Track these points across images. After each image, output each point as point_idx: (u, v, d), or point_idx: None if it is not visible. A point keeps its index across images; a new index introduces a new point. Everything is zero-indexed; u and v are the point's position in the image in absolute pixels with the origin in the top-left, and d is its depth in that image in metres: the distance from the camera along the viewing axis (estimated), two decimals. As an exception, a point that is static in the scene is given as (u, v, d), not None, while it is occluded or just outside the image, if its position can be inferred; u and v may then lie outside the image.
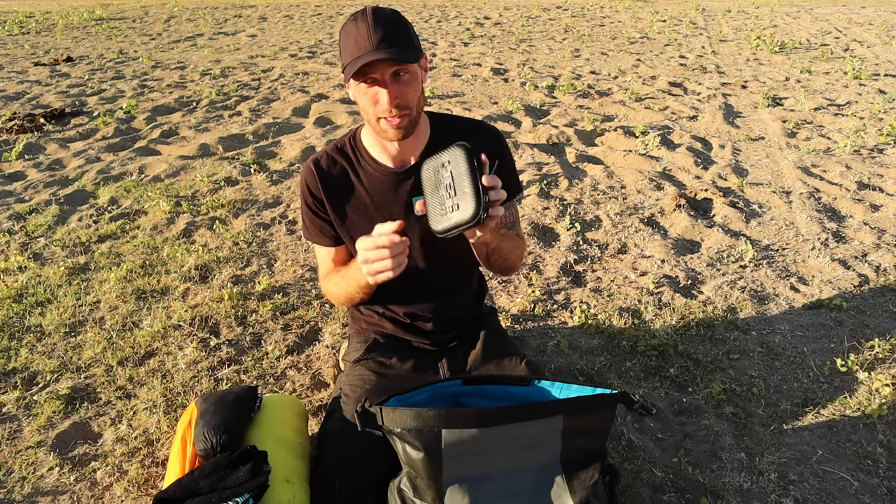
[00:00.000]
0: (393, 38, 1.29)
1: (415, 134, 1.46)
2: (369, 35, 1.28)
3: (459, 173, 1.13)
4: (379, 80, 1.32)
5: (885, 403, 1.97)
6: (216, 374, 2.18)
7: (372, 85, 1.33)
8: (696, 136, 4.59)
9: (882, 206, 3.38)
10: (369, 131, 1.51)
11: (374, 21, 1.29)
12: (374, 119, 1.38)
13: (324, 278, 1.66)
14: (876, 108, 5.12)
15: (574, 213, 3.37)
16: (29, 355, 2.28)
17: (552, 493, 1.23)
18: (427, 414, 1.15)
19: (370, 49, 1.28)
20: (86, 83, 6.46)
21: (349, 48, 1.32)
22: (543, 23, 10.40)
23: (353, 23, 1.31)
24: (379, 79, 1.31)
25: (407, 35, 1.32)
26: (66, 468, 1.79)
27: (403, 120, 1.36)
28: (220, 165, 4.13)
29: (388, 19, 1.31)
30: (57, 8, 13.82)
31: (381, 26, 1.29)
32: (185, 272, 2.83)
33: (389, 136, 1.40)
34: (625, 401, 1.22)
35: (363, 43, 1.28)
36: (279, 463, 1.43)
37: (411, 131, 1.40)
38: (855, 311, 2.49)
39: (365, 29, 1.29)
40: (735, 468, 1.76)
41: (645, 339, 2.30)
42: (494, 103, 5.51)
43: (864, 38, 8.45)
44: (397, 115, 1.34)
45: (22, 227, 3.29)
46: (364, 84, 1.33)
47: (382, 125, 1.37)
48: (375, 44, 1.28)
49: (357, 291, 1.52)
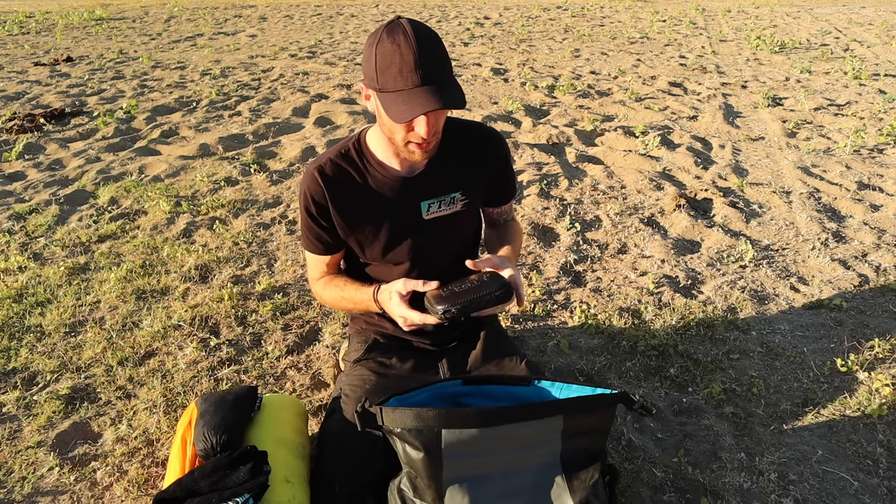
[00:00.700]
0: (438, 69, 1.22)
1: None
2: (415, 68, 1.20)
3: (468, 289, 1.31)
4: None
5: (885, 403, 1.97)
6: (216, 374, 2.18)
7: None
8: (696, 136, 4.59)
9: (882, 206, 3.38)
10: (378, 137, 1.47)
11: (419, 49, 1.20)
12: (402, 141, 1.34)
13: (316, 282, 1.66)
14: (876, 108, 5.12)
15: (574, 213, 3.37)
16: (29, 355, 2.28)
17: (552, 493, 1.23)
18: (427, 414, 1.15)
19: (418, 83, 1.21)
20: (86, 83, 6.46)
21: (390, 75, 1.22)
22: (543, 23, 10.40)
23: (394, 46, 1.21)
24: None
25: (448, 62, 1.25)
26: (66, 468, 1.79)
27: (432, 145, 1.35)
28: (220, 165, 4.13)
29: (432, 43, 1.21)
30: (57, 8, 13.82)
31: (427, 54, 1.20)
32: (185, 272, 2.83)
33: (416, 159, 1.38)
34: (625, 401, 1.22)
35: (409, 76, 1.20)
36: (279, 463, 1.43)
37: (433, 154, 1.40)
38: (855, 311, 2.49)
39: (411, 59, 1.20)
40: (735, 468, 1.76)
41: (645, 339, 2.30)
42: (494, 103, 5.51)
43: (864, 38, 8.45)
44: (427, 143, 1.33)
45: (22, 227, 3.29)
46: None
47: (411, 148, 1.35)
48: (423, 77, 1.20)
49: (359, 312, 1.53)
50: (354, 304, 1.56)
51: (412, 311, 1.34)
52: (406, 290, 1.35)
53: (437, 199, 1.53)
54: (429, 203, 1.52)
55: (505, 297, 1.30)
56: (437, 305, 1.29)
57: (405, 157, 1.43)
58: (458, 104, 1.23)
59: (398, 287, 1.37)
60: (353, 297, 1.55)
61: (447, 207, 1.54)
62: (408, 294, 1.36)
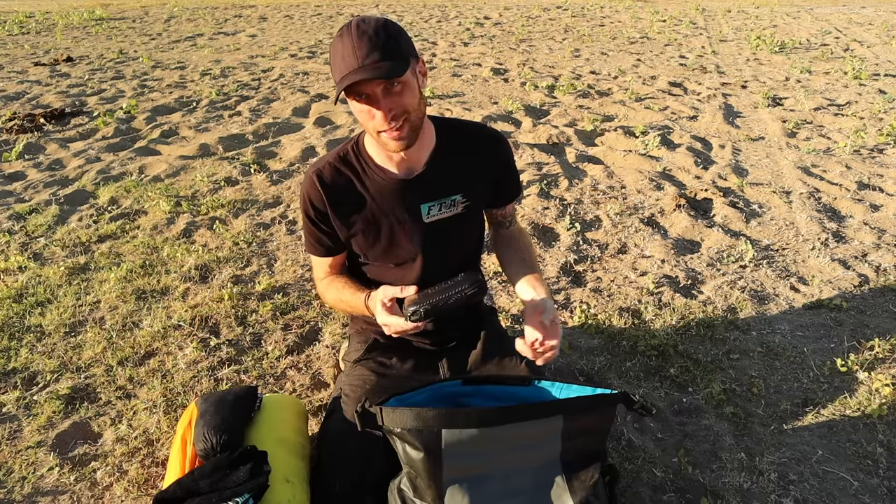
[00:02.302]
0: (380, 52, 1.25)
1: (421, 141, 1.44)
2: (354, 51, 1.25)
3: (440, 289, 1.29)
4: (371, 95, 1.28)
5: (885, 403, 1.97)
6: (216, 374, 2.18)
7: (365, 101, 1.30)
8: (696, 136, 4.59)
9: (882, 206, 3.38)
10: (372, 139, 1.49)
11: (358, 36, 1.25)
12: (374, 132, 1.36)
13: (320, 282, 1.66)
14: (876, 108, 5.12)
15: (574, 213, 3.37)
16: (29, 355, 2.28)
17: (552, 494, 1.23)
18: (427, 414, 1.15)
19: (356, 66, 1.25)
20: (86, 83, 6.46)
21: (337, 65, 1.29)
22: (543, 23, 10.40)
23: (339, 39, 1.28)
24: (370, 94, 1.28)
25: (393, 45, 1.27)
26: (66, 468, 1.79)
27: (403, 131, 1.33)
28: (220, 165, 4.13)
29: (373, 32, 1.25)
30: (57, 8, 13.82)
31: (366, 41, 1.25)
32: (185, 272, 2.83)
33: (392, 149, 1.38)
34: (625, 401, 1.22)
35: (349, 60, 1.25)
36: (279, 463, 1.43)
37: (413, 140, 1.38)
38: (855, 311, 2.49)
39: (350, 45, 1.25)
40: (735, 468, 1.76)
41: (645, 339, 2.30)
42: (494, 103, 5.51)
43: (864, 38, 8.45)
44: (395, 128, 1.32)
45: (22, 227, 3.29)
46: (356, 101, 1.31)
47: (384, 138, 1.35)
48: (360, 60, 1.24)
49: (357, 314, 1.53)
50: (351, 308, 1.56)
51: (392, 316, 1.33)
52: (387, 297, 1.35)
53: (437, 202, 1.52)
54: (429, 206, 1.52)
55: (476, 294, 1.28)
56: (407, 308, 1.29)
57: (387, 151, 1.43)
58: (385, 74, 1.24)
59: (380, 296, 1.37)
60: (350, 300, 1.54)
61: (448, 210, 1.54)
62: (390, 302, 1.35)
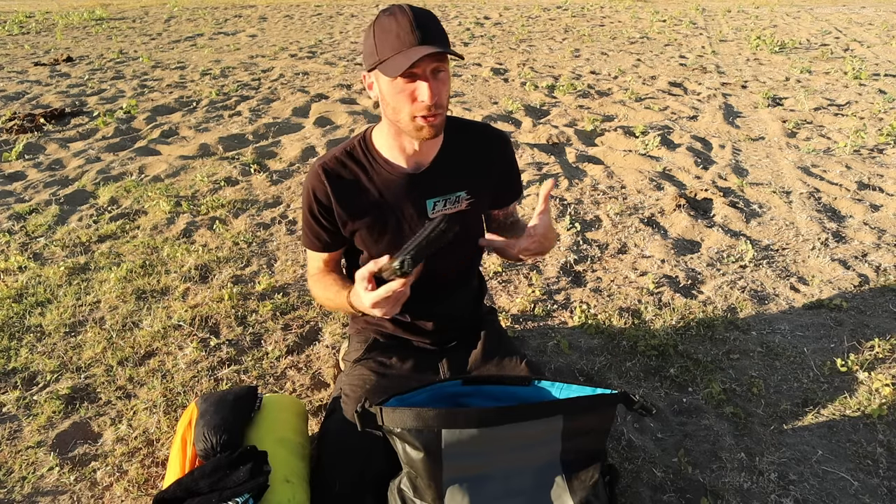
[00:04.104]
0: (435, 34, 1.28)
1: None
2: (412, 30, 1.25)
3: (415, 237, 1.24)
4: (420, 75, 1.29)
5: (885, 403, 1.97)
6: (216, 374, 2.18)
7: (412, 80, 1.29)
8: (696, 136, 4.59)
9: (882, 206, 3.38)
10: (384, 133, 1.47)
11: (416, 16, 1.27)
12: (408, 117, 1.34)
13: (312, 277, 1.66)
14: (876, 108, 5.12)
15: (574, 213, 3.37)
16: (29, 355, 2.28)
17: (552, 494, 1.23)
18: (427, 414, 1.15)
19: (415, 43, 1.25)
20: (86, 83, 6.46)
21: (389, 42, 1.27)
22: (543, 23, 10.40)
23: (391, 17, 1.28)
24: (420, 74, 1.28)
25: (443, 31, 1.32)
26: (66, 468, 1.79)
27: (437, 118, 1.34)
28: (220, 165, 4.13)
29: (429, 15, 1.30)
30: (57, 8, 13.82)
31: (424, 20, 1.27)
32: (185, 272, 2.83)
33: (424, 135, 1.35)
34: (625, 401, 1.22)
35: (406, 38, 1.26)
36: (279, 463, 1.43)
37: (441, 130, 1.38)
38: (855, 311, 2.49)
39: (407, 23, 1.26)
40: (735, 468, 1.76)
41: (645, 339, 2.30)
42: (494, 103, 5.51)
43: (864, 38, 8.45)
44: (433, 114, 1.32)
45: (22, 227, 3.29)
46: (402, 80, 1.29)
47: (418, 122, 1.33)
48: (420, 38, 1.25)
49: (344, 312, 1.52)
50: (336, 306, 1.53)
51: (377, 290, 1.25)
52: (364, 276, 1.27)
53: (442, 198, 1.53)
54: (434, 201, 1.52)
55: (449, 228, 1.23)
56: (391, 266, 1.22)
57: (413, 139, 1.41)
58: (448, 50, 1.27)
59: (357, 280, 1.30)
60: (334, 298, 1.51)
61: (452, 206, 1.54)
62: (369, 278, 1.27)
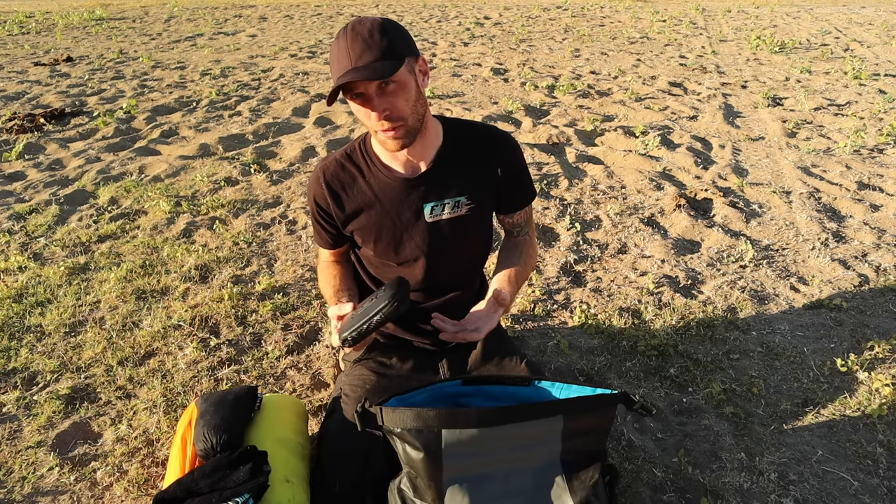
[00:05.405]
0: (372, 52, 1.26)
1: (425, 140, 1.45)
2: (348, 52, 1.27)
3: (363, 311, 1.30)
4: (365, 95, 1.30)
5: (885, 403, 1.97)
6: (216, 374, 2.18)
7: (361, 101, 1.32)
8: (696, 136, 4.59)
9: (882, 206, 3.38)
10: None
11: (353, 37, 1.27)
12: (374, 132, 1.38)
13: (320, 264, 1.71)
14: (876, 108, 5.12)
15: (574, 213, 3.37)
16: (29, 355, 2.28)
17: (552, 494, 1.23)
18: (427, 414, 1.15)
19: (349, 66, 1.27)
20: (86, 83, 6.46)
21: (333, 66, 1.32)
22: (543, 23, 10.39)
23: (336, 41, 1.31)
24: (365, 94, 1.30)
25: (386, 45, 1.27)
26: (66, 468, 1.79)
27: (399, 131, 1.34)
28: (220, 165, 4.13)
29: (367, 33, 1.27)
30: (57, 8, 13.82)
31: (359, 42, 1.27)
32: (185, 272, 2.83)
33: (390, 148, 1.39)
34: (625, 401, 1.22)
35: (343, 61, 1.28)
36: (279, 463, 1.43)
37: (410, 140, 1.38)
38: (855, 311, 2.49)
39: (344, 46, 1.27)
40: (735, 468, 1.76)
41: (645, 339, 2.30)
42: (494, 103, 5.51)
43: (864, 38, 8.45)
44: (391, 128, 1.33)
45: (22, 227, 3.29)
46: (353, 101, 1.33)
47: (381, 137, 1.37)
48: (353, 61, 1.26)
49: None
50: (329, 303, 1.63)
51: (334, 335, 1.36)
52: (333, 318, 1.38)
53: (440, 202, 1.52)
54: (431, 206, 1.52)
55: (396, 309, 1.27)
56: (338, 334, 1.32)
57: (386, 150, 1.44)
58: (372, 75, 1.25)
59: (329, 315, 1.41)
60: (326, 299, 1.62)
61: (452, 211, 1.54)
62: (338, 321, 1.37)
